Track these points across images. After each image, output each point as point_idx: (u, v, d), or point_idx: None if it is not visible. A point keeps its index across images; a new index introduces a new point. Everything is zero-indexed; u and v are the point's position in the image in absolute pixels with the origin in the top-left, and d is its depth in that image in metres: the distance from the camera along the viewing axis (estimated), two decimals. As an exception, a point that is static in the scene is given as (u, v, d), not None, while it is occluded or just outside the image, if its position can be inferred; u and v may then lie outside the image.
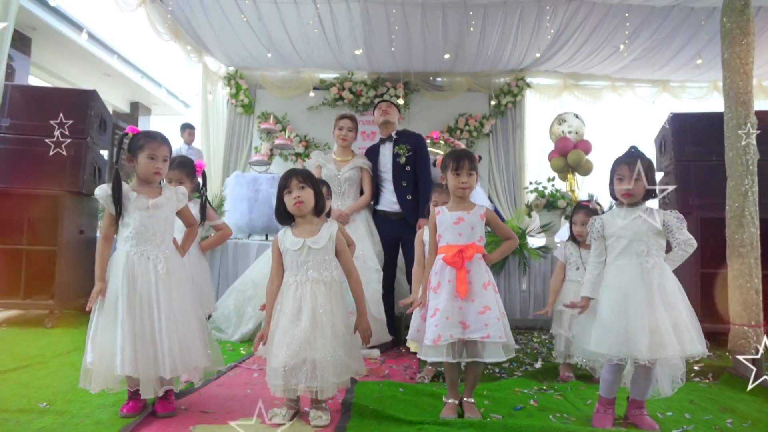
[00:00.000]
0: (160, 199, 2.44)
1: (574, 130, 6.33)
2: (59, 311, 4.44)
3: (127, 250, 2.36)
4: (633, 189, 2.38)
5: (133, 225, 2.37)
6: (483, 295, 2.39)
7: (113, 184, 2.39)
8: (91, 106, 4.64)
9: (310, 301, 2.33)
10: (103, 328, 2.29)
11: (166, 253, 2.41)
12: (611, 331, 2.28)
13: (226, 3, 6.57)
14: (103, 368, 2.26)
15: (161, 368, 2.27)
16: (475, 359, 2.39)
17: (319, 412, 2.33)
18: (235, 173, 6.16)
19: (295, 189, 2.40)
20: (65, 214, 4.47)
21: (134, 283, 2.32)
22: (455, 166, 2.52)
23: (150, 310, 2.31)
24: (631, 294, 2.29)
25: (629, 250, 2.35)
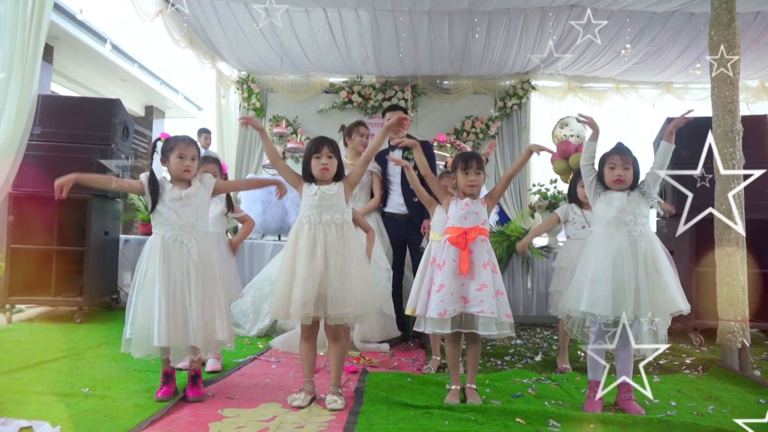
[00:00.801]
0: (191, 190, 2.70)
1: (576, 133, 6.54)
2: (87, 308, 4.71)
3: (163, 234, 2.62)
4: (624, 176, 2.62)
5: (167, 214, 2.63)
6: (482, 273, 2.64)
7: (150, 182, 2.66)
8: (115, 114, 4.90)
9: (323, 240, 2.61)
10: (141, 305, 2.55)
11: (198, 239, 2.67)
12: (601, 293, 2.51)
13: (239, 11, 6.83)
14: (143, 339, 2.52)
15: (191, 338, 2.53)
16: (471, 331, 2.62)
17: (335, 396, 2.58)
18: (248, 176, 6.41)
19: (324, 156, 2.68)
20: (92, 216, 4.73)
21: (169, 265, 2.58)
22: (464, 166, 2.77)
23: (182, 288, 2.57)
24: (620, 259, 2.52)
25: (618, 220, 2.59)
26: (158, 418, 2.32)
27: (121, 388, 2.73)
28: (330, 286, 2.56)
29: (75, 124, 4.76)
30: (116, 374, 3.00)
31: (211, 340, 2.66)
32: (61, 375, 2.95)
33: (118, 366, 3.18)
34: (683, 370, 3.48)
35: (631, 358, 2.64)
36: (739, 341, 3.31)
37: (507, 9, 6.58)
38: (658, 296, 2.49)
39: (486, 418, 2.41)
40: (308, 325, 2.65)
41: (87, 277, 4.69)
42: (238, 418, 2.37)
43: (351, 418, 2.40)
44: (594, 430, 2.31)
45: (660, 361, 3.72)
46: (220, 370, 3.20)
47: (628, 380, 2.57)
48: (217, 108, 8.88)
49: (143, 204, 5.98)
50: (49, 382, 2.80)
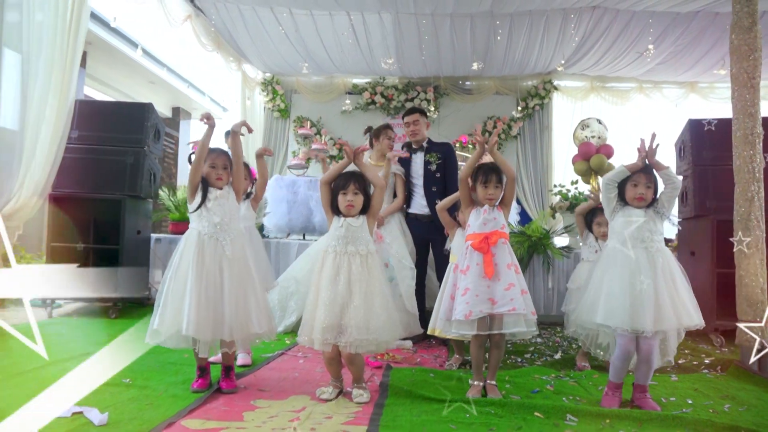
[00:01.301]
0: (224, 191, 2.88)
1: (597, 135, 6.57)
2: (122, 304, 4.91)
3: (199, 230, 2.77)
4: (646, 194, 2.71)
5: (204, 212, 2.80)
6: (507, 274, 2.74)
7: (202, 184, 2.84)
8: (147, 118, 5.09)
9: (347, 270, 2.71)
10: (173, 296, 2.69)
11: (232, 237, 2.82)
12: (618, 306, 2.59)
13: (264, 15, 6.99)
14: (173, 329, 2.66)
15: (221, 332, 2.68)
16: (499, 331, 2.72)
17: (361, 390, 2.70)
18: (275, 176, 6.57)
19: (350, 193, 2.79)
20: (126, 216, 4.93)
21: (203, 259, 2.72)
22: (484, 179, 2.88)
23: (215, 283, 2.71)
24: (637, 273, 2.60)
25: (636, 236, 2.67)
26: (195, 407, 2.47)
27: (159, 380, 2.89)
28: (354, 314, 2.64)
29: (110, 128, 4.96)
30: (153, 367, 3.16)
31: (248, 334, 2.79)
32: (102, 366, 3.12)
33: (153, 359, 3.34)
34: (701, 370, 3.53)
35: (652, 370, 2.71)
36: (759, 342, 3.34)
37: (529, 11, 6.63)
38: (677, 310, 2.57)
39: (506, 411, 2.51)
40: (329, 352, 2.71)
41: (121, 274, 4.89)
42: (269, 409, 2.50)
43: (376, 410, 2.53)
44: (610, 425, 2.40)
45: (679, 360, 3.77)
46: (250, 365, 3.35)
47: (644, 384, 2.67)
48: (242, 109, 9.05)
49: (173, 204, 6.19)
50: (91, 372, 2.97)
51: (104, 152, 4.92)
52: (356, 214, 2.81)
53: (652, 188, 2.75)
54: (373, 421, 2.37)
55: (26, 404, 2.31)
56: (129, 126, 5.00)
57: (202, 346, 2.73)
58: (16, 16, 4.24)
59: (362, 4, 6.55)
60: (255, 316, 2.79)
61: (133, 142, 4.99)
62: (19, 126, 4.25)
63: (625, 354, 2.68)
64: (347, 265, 2.71)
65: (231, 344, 2.78)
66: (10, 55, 4.44)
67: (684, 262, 5.24)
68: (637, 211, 2.73)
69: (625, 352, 2.68)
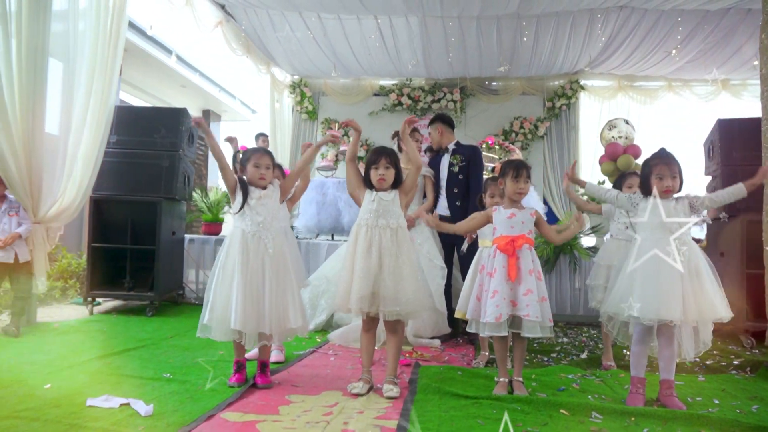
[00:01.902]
0: (268, 191, 3.00)
1: (624, 135, 6.55)
2: (158, 302, 5.09)
3: (243, 229, 2.90)
4: (673, 185, 2.74)
5: (249, 212, 2.92)
6: (528, 279, 2.81)
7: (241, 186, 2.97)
8: (182, 123, 5.27)
9: (378, 243, 2.84)
10: (221, 292, 2.83)
11: (273, 235, 2.95)
12: (647, 297, 2.62)
13: (293, 20, 7.13)
14: (222, 323, 2.80)
15: (263, 325, 2.81)
16: (517, 332, 2.81)
17: (391, 385, 2.80)
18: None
19: (382, 167, 2.91)
20: (162, 217, 5.11)
21: (248, 257, 2.85)
22: (515, 174, 2.95)
23: (258, 279, 2.85)
24: (664, 266, 2.64)
25: (663, 228, 2.71)
26: (234, 401, 2.59)
27: (198, 374, 3.02)
28: (383, 285, 2.78)
29: (146, 132, 5.16)
30: (191, 363, 3.30)
31: (284, 328, 2.92)
32: (144, 361, 3.28)
33: (191, 355, 3.49)
34: (730, 371, 3.53)
35: (674, 357, 2.76)
36: (788, 342, 3.34)
37: (555, 12, 6.64)
38: (701, 302, 2.60)
39: (531, 408, 2.58)
40: (367, 319, 2.88)
41: (157, 273, 5.08)
42: (303, 403, 2.62)
43: (406, 405, 2.62)
44: (635, 422, 2.44)
45: (707, 361, 3.78)
46: (283, 361, 3.47)
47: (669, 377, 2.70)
48: (271, 111, 9.22)
49: (206, 205, 6.37)
50: (135, 367, 3.13)
51: (141, 156, 5.11)
52: (388, 188, 2.93)
53: (678, 178, 2.77)
54: (403, 416, 2.46)
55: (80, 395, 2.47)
56: (165, 130, 5.18)
57: (248, 339, 2.86)
58: (61, 26, 4.44)
59: (389, 8, 6.64)
60: (291, 311, 2.92)
61: (169, 146, 5.18)
62: (62, 131, 4.46)
63: (642, 341, 2.74)
64: (378, 238, 2.85)
65: (269, 337, 2.92)
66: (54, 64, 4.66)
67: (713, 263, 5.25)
68: (663, 202, 2.75)
69: (641, 340, 2.75)
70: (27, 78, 4.03)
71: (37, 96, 4.12)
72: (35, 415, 2.25)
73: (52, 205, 4.30)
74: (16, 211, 4.14)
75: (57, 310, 5.12)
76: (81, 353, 3.39)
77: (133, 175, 5.10)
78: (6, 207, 4.12)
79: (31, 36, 4.04)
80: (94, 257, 5.03)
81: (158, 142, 5.16)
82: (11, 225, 4.11)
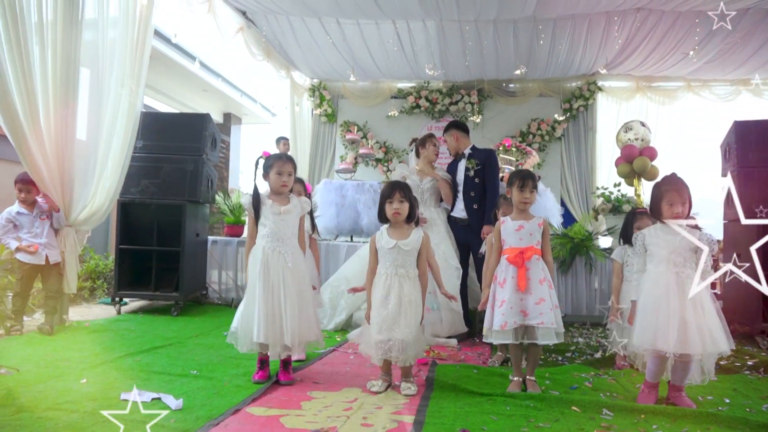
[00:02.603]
0: (289, 206, 3.09)
1: (640, 137, 6.57)
2: (183, 302, 5.25)
3: (263, 245, 3.01)
4: (683, 212, 2.78)
5: (269, 226, 3.03)
6: (539, 289, 2.89)
7: (254, 194, 3.07)
8: (206, 128, 5.43)
9: (397, 290, 2.92)
10: (247, 305, 2.97)
11: (293, 250, 3.06)
12: (646, 328, 2.70)
13: (312, 25, 7.28)
14: (246, 335, 2.94)
15: (285, 337, 2.92)
16: (533, 341, 2.89)
17: (409, 383, 2.90)
18: (324, 181, 6.84)
19: (396, 201, 2.99)
20: (186, 220, 5.28)
21: (269, 271, 2.97)
22: (520, 184, 3.03)
23: (279, 293, 2.96)
24: (665, 297, 2.68)
25: (668, 260, 2.74)
26: (258, 396, 2.72)
27: (223, 372, 3.16)
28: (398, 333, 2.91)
29: (171, 137, 5.32)
30: (216, 360, 3.44)
31: (303, 340, 3.05)
32: (171, 359, 3.43)
33: (216, 353, 3.63)
34: (743, 371, 3.57)
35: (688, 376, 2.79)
36: (801, 343, 3.38)
37: (572, 15, 6.69)
38: (703, 335, 2.61)
39: (544, 405, 2.66)
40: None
41: (182, 274, 5.24)
42: (325, 399, 2.73)
43: (423, 402, 2.72)
44: (645, 420, 2.52)
45: (721, 361, 3.81)
46: (304, 359, 3.59)
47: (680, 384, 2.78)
48: (291, 114, 9.38)
49: (228, 208, 6.54)
50: (163, 364, 3.28)
51: (166, 160, 5.28)
52: (402, 222, 3.01)
53: (688, 204, 2.78)
54: (420, 412, 2.56)
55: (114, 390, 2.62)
56: (189, 135, 5.35)
57: (272, 350, 2.98)
58: (92, 34, 4.62)
59: (407, 12, 6.75)
60: (309, 324, 3.05)
61: (193, 151, 5.34)
62: (91, 137, 4.64)
63: (657, 362, 2.80)
64: (398, 286, 2.94)
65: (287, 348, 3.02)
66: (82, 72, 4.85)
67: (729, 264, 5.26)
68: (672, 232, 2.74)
69: (657, 361, 2.80)
70: (60, 86, 4.22)
71: (69, 103, 4.30)
72: (74, 408, 2.40)
73: (83, 209, 4.48)
74: (47, 215, 4.31)
75: (86, 310, 5.31)
76: (112, 351, 3.55)
77: (159, 178, 5.27)
78: (37, 212, 4.28)
79: (64, 45, 4.22)
80: (121, 258, 5.21)
81: (183, 146, 5.32)
82: (43, 229, 4.27)
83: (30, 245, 4.15)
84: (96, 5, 4.61)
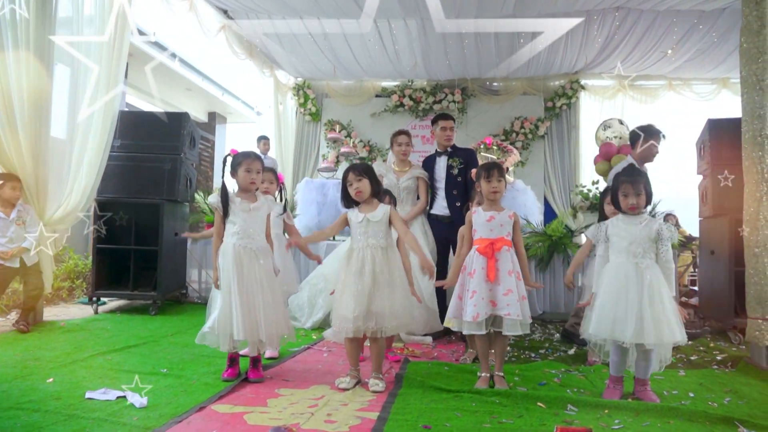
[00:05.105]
0: (258, 204, 3.12)
1: (618, 135, 6.62)
2: (161, 301, 5.24)
3: (234, 243, 3.02)
4: (637, 202, 2.82)
5: (238, 224, 3.04)
6: (507, 280, 2.92)
7: (222, 192, 3.07)
8: (184, 126, 5.41)
9: (370, 262, 2.97)
10: (223, 305, 2.97)
11: (263, 246, 3.08)
12: (604, 318, 2.74)
13: (294, 24, 7.26)
14: (224, 333, 2.96)
15: (261, 332, 2.96)
16: (498, 330, 2.93)
17: (377, 380, 2.92)
18: (305, 179, 6.84)
19: (354, 182, 3.04)
20: (164, 219, 5.26)
21: (242, 269, 2.98)
22: (486, 175, 3.06)
23: (254, 290, 2.98)
24: (624, 288, 2.73)
25: (628, 251, 2.80)
26: (225, 394, 2.72)
27: (193, 370, 3.16)
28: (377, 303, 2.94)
29: (149, 136, 5.30)
30: (188, 358, 3.44)
31: (276, 335, 3.08)
32: (143, 358, 3.43)
33: (189, 352, 3.63)
34: (712, 366, 3.62)
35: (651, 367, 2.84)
36: (767, 338, 3.42)
37: (552, 12, 6.71)
38: (659, 326, 2.66)
39: (510, 401, 2.69)
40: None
41: (160, 273, 5.23)
42: (292, 396, 2.74)
43: (389, 398, 2.73)
44: (608, 414, 2.55)
45: (691, 357, 3.87)
46: (277, 357, 3.60)
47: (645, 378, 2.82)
48: (275, 113, 9.36)
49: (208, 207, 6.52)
50: (134, 363, 3.28)
51: (144, 159, 5.26)
52: (367, 197, 3.06)
53: (643, 194, 2.83)
54: (384, 408, 2.57)
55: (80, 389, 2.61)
56: (167, 134, 5.33)
57: (251, 347, 3.02)
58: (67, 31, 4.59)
59: (387, 11, 6.74)
60: (281, 318, 3.09)
61: (171, 150, 5.32)
62: (68, 135, 4.62)
63: (621, 351, 2.84)
64: (371, 259, 2.97)
65: (263, 343, 3.06)
66: (61, 69, 4.82)
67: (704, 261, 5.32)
68: (634, 221, 2.82)
69: (618, 351, 2.85)
70: (34, 84, 4.19)
71: (43, 101, 4.28)
72: (36, 407, 2.39)
73: (58, 208, 4.45)
74: (24, 221, 4.25)
75: (63, 310, 5.28)
76: (84, 350, 3.54)
77: (136, 178, 5.24)
78: (14, 216, 4.19)
79: (37, 43, 4.19)
80: (98, 258, 5.18)
81: (161, 145, 5.30)
82: (18, 234, 4.20)
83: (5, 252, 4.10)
84: (71, 3, 4.58)
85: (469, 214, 3.16)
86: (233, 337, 2.95)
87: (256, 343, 3.01)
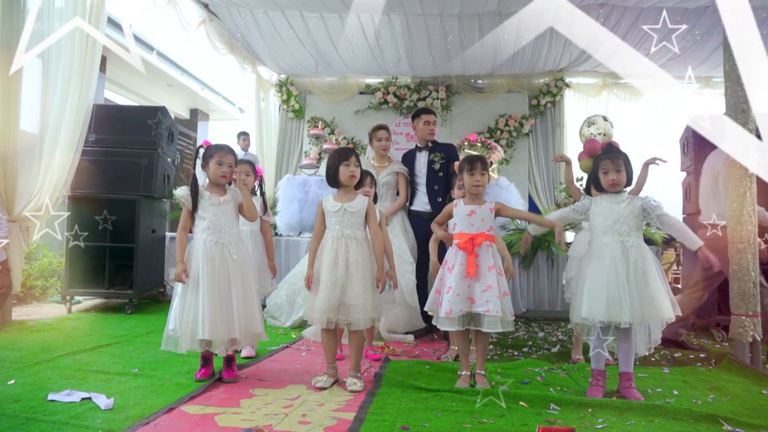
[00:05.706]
0: (227, 197, 3.01)
1: (602, 132, 6.57)
2: (137, 300, 5.11)
3: (204, 239, 2.91)
4: (618, 178, 2.78)
5: (208, 218, 2.93)
6: (487, 276, 2.83)
7: (191, 185, 2.95)
8: (161, 121, 5.28)
9: (344, 254, 2.88)
10: (188, 302, 2.85)
11: (236, 241, 2.98)
12: (596, 300, 2.69)
13: (276, 19, 7.15)
14: (188, 333, 2.82)
15: (233, 331, 2.85)
16: (478, 329, 2.84)
17: (355, 379, 2.83)
18: (286, 176, 6.72)
19: (353, 165, 2.96)
20: (141, 215, 5.13)
21: (213, 265, 2.87)
22: (470, 168, 2.97)
23: (226, 286, 2.88)
24: (613, 268, 2.69)
25: (613, 230, 2.76)
26: (196, 395, 2.62)
27: (166, 370, 3.05)
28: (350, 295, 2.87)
29: (126, 131, 5.17)
30: (161, 358, 3.32)
31: (250, 333, 2.97)
32: (114, 357, 3.31)
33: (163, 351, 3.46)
34: (696, 363, 3.58)
35: (632, 350, 2.80)
36: (750, 335, 3.39)
37: (535, 8, 6.67)
38: (645, 305, 2.65)
39: (490, 400, 2.60)
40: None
41: (137, 271, 5.09)
42: (266, 397, 2.64)
43: (367, 398, 2.65)
44: (591, 413, 2.48)
45: (675, 354, 3.83)
46: (254, 356, 3.50)
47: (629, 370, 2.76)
48: (257, 110, 9.24)
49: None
50: (104, 363, 3.15)
51: (120, 154, 5.13)
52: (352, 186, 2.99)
53: (623, 171, 2.81)
54: (362, 409, 2.48)
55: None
56: (144, 129, 5.20)
57: (218, 347, 2.88)
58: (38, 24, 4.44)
59: (370, 7, 6.65)
60: (255, 315, 2.98)
61: (148, 144, 5.20)
62: (39, 129, 4.47)
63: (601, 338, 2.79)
64: (345, 250, 2.89)
65: (236, 341, 2.94)
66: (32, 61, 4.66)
67: (688, 258, 5.30)
68: (617, 200, 2.79)
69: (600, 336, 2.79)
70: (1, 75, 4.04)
71: (11, 93, 4.13)
72: (-6, 410, 2.28)
73: (28, 203, 4.31)
74: None
75: (36, 309, 5.13)
76: (52, 350, 3.41)
77: (112, 173, 5.11)
78: None
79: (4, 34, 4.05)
80: (72, 256, 5.04)
81: (137, 140, 5.17)
82: None
83: None
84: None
85: (451, 204, 3.08)
86: (197, 336, 2.80)
87: (225, 342, 2.88)
